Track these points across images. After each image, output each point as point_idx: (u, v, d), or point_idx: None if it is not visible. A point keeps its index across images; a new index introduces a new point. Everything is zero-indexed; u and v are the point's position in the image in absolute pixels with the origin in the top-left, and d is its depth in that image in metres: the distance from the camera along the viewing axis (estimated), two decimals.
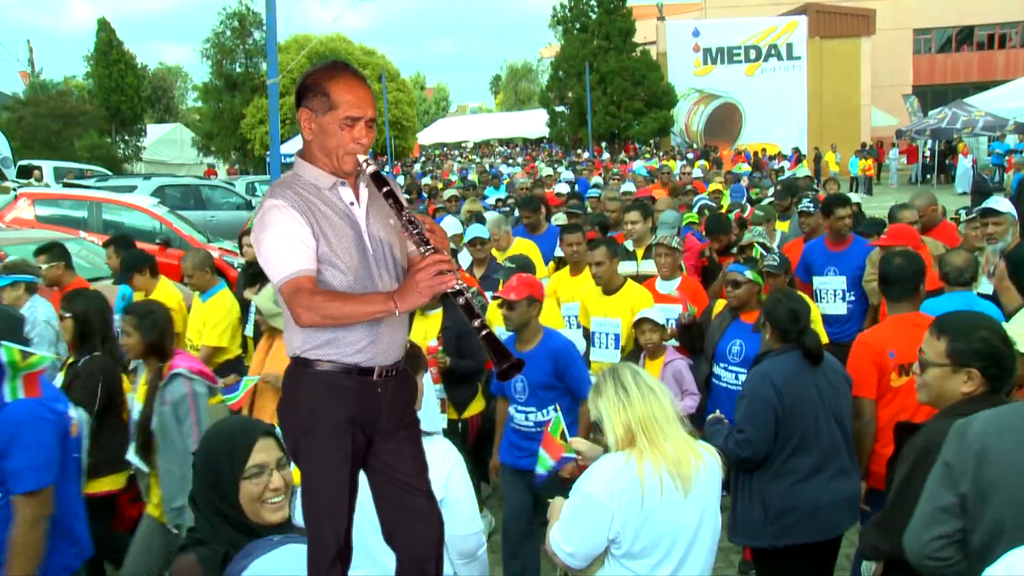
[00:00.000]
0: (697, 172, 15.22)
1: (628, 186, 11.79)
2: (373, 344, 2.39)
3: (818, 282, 6.21)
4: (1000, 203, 5.58)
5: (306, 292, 2.29)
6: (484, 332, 2.32)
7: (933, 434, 2.64)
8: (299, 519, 2.50)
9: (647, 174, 15.99)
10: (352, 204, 2.44)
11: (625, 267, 6.07)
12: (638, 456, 2.73)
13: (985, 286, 5.24)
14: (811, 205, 7.01)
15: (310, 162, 2.46)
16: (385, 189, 2.39)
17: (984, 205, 5.76)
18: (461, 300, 2.32)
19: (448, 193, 11.26)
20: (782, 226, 8.25)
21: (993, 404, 2.55)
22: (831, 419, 3.63)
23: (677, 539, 2.77)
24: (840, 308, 6.08)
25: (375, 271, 2.42)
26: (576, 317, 5.72)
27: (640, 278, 5.92)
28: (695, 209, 9.04)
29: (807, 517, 3.31)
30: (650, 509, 2.72)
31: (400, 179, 19.61)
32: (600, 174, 17.58)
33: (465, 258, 6.87)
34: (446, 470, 2.77)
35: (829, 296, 6.16)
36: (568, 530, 2.78)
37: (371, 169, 2.41)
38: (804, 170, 13.67)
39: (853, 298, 6.09)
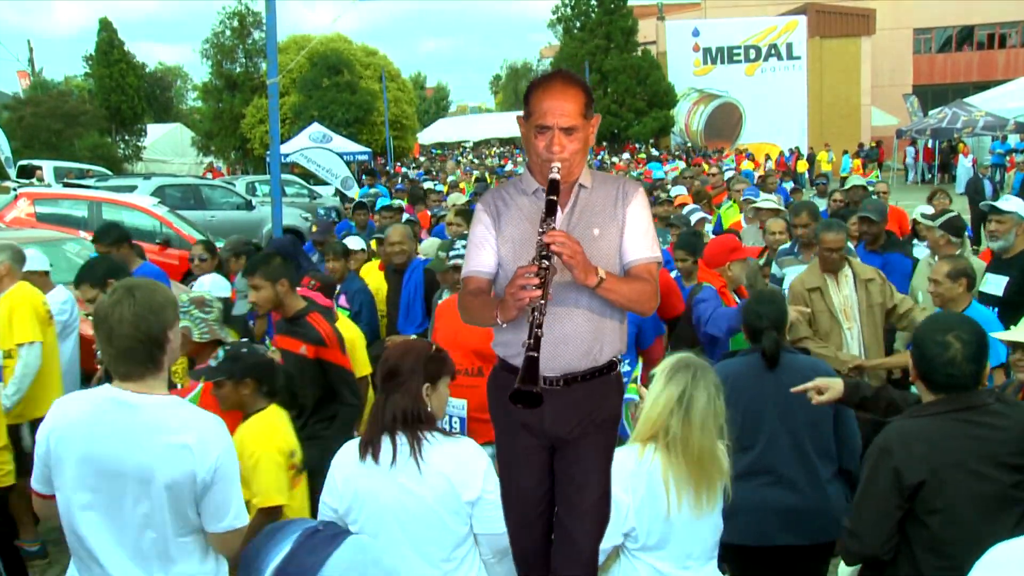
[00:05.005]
0: (730, 174, 13.56)
1: (679, 189, 10.68)
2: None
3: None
4: (1009, 202, 5.49)
5: (464, 292, 2.64)
6: (531, 353, 2.29)
7: (896, 435, 2.71)
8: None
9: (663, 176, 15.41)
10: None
11: None
12: (654, 451, 2.75)
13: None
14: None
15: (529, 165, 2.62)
16: (552, 197, 2.42)
17: (989, 203, 5.71)
18: (529, 316, 2.32)
19: (454, 198, 11.07)
20: None
21: (948, 410, 2.67)
22: (781, 427, 3.52)
23: (689, 536, 2.80)
24: None
25: (560, 276, 2.43)
26: None
27: None
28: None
29: (728, 516, 3.15)
30: (664, 504, 2.73)
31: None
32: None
33: None
34: (480, 469, 2.74)
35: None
36: None
37: (551, 176, 2.44)
38: (857, 179, 10.78)
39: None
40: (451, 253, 4.80)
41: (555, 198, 2.40)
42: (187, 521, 2.49)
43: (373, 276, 6.32)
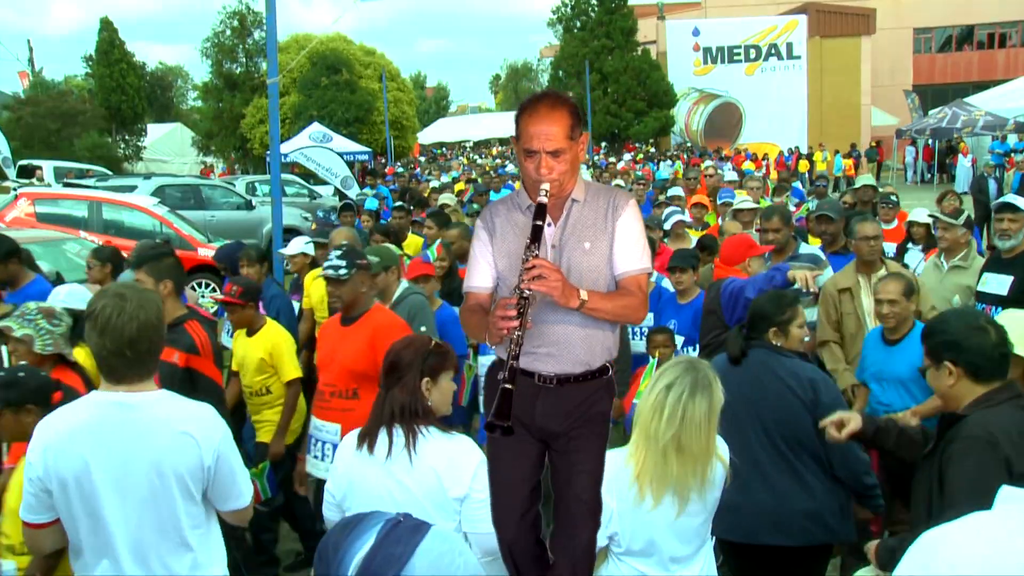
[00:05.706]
0: (731, 175, 13.14)
1: (676, 190, 10.37)
2: (525, 353, 2.48)
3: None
4: (1019, 200, 5.33)
5: (463, 307, 2.73)
6: (505, 386, 2.39)
7: (991, 425, 2.60)
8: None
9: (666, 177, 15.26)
10: (548, 226, 2.58)
11: None
12: (642, 455, 2.74)
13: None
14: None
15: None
16: (537, 223, 2.50)
17: (1003, 200, 5.50)
18: (507, 346, 2.42)
19: (445, 198, 11.02)
20: None
21: (1009, 398, 2.65)
22: (759, 427, 3.48)
23: (673, 541, 2.79)
24: None
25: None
26: None
27: None
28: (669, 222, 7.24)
29: (720, 513, 3.09)
30: (645, 511, 2.73)
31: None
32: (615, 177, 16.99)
33: None
34: (470, 467, 2.77)
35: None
36: None
37: (540, 199, 2.51)
38: (868, 178, 10.24)
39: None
40: (325, 264, 4.16)
41: (540, 223, 2.48)
42: (198, 510, 2.59)
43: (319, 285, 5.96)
